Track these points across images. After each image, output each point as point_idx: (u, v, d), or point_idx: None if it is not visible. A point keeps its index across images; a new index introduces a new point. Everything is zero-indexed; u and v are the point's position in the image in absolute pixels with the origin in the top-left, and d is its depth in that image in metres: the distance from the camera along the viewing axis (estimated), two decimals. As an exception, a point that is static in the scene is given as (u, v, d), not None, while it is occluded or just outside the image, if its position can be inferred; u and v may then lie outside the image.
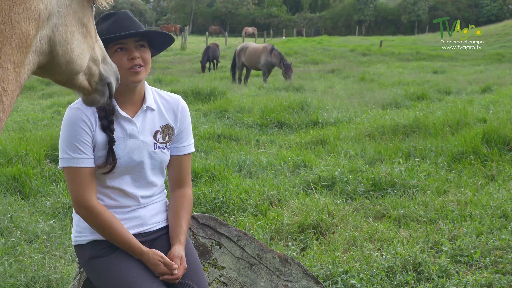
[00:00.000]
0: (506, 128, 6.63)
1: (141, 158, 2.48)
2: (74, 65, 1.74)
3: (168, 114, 2.58)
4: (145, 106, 2.51)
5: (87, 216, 2.38)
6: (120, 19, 2.44)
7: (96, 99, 1.98)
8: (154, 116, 2.54)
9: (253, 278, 2.91)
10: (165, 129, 2.56)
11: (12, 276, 3.69)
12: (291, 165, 6.42)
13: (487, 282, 3.50)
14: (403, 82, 15.79)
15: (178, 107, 2.61)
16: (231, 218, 4.87)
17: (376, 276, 3.64)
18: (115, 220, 2.40)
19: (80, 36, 1.74)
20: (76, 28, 1.72)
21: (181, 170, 2.63)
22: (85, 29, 1.77)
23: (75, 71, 1.77)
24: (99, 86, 1.95)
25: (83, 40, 1.76)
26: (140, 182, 2.51)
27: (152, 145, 2.51)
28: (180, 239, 2.51)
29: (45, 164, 6.10)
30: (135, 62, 2.40)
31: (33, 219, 4.63)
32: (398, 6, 70.45)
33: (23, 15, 1.46)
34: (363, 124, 8.72)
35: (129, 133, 2.46)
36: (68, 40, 1.67)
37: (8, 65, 1.43)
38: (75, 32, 1.71)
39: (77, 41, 1.72)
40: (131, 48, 2.41)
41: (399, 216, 4.74)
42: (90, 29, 1.81)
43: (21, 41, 1.46)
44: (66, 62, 1.70)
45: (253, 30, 49.91)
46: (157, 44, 2.59)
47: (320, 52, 30.35)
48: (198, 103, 11.60)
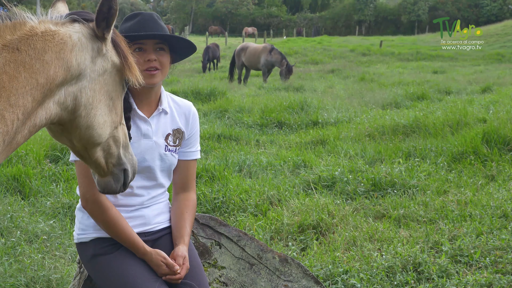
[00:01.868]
0: (506, 128, 6.63)
1: (153, 159, 2.51)
2: (94, 132, 1.79)
3: (180, 118, 2.61)
4: (161, 108, 2.54)
5: (94, 211, 2.38)
6: (144, 20, 2.45)
7: (110, 183, 1.97)
8: (167, 119, 2.57)
9: (253, 278, 2.91)
10: (176, 132, 2.59)
11: (12, 276, 3.69)
12: (291, 165, 6.42)
13: (487, 282, 3.50)
14: (403, 82, 15.78)
15: (189, 112, 2.65)
16: (231, 218, 4.87)
17: (376, 276, 3.63)
18: (121, 217, 2.41)
19: (105, 108, 1.80)
20: (104, 98, 1.79)
21: (187, 175, 2.66)
22: (112, 103, 1.83)
23: (93, 139, 1.81)
24: (115, 169, 1.95)
25: (108, 112, 1.82)
26: (150, 183, 2.54)
27: (163, 147, 2.54)
28: (185, 239, 2.52)
29: (45, 164, 6.10)
30: (151, 64, 2.40)
31: (33, 219, 4.63)
32: (398, 6, 70.45)
33: (55, 61, 1.60)
34: (363, 124, 8.72)
35: (144, 133, 2.49)
36: (93, 106, 1.75)
37: (28, 97, 1.54)
38: (102, 101, 1.78)
39: (102, 110, 1.79)
40: (150, 49, 2.42)
41: (399, 216, 4.74)
42: (117, 106, 1.87)
43: (47, 82, 1.58)
44: (87, 126, 1.76)
45: (253, 30, 49.88)
46: (178, 50, 2.58)
47: (320, 52, 30.35)
48: (198, 103, 11.59)
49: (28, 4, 43.63)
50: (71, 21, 1.72)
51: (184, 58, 2.69)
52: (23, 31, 1.58)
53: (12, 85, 1.50)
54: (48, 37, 1.61)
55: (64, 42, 1.64)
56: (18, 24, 1.58)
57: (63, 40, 1.64)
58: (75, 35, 1.68)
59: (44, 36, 1.60)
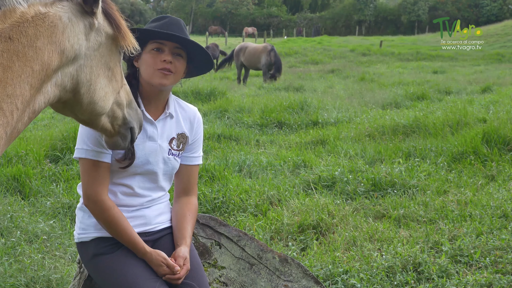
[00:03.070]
0: (506, 128, 6.63)
1: (157, 162, 2.52)
2: (96, 106, 1.81)
3: (185, 123, 2.63)
4: (168, 112, 2.55)
5: (96, 210, 2.38)
6: (169, 23, 2.46)
7: (118, 141, 2.04)
8: (172, 123, 2.59)
9: (253, 278, 2.91)
10: (181, 137, 2.60)
11: (12, 276, 3.69)
12: (291, 165, 6.42)
13: (487, 282, 3.50)
14: (403, 82, 15.79)
15: (194, 118, 2.67)
16: (231, 218, 4.87)
17: (376, 276, 3.63)
18: (123, 217, 2.41)
19: (105, 79, 1.81)
20: (102, 71, 1.79)
21: (189, 180, 2.68)
22: (111, 73, 1.84)
23: (96, 111, 1.83)
24: (122, 129, 2.01)
25: (107, 83, 1.83)
26: (151, 185, 2.55)
27: (167, 151, 2.55)
28: (187, 240, 2.52)
29: (45, 164, 6.10)
30: (166, 65, 2.41)
31: (33, 219, 4.63)
32: (398, 6, 70.40)
33: (48, 46, 1.57)
34: (363, 124, 8.72)
35: (149, 135, 2.50)
36: (91, 82, 1.75)
37: (25, 85, 1.52)
38: (100, 75, 1.78)
39: (101, 83, 1.79)
40: (168, 52, 2.43)
41: (399, 216, 4.74)
42: (117, 73, 1.87)
43: (42, 68, 1.56)
44: (88, 102, 1.77)
45: (253, 30, 49.87)
46: (195, 62, 2.58)
47: (320, 52, 30.36)
48: (198, 103, 11.59)
49: None
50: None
51: (198, 74, 2.69)
52: (13, 18, 1.54)
53: (7, 75, 1.48)
54: (38, 21, 1.57)
55: (54, 25, 1.61)
56: (8, 11, 1.54)
57: (53, 23, 1.60)
58: (64, 15, 1.64)
59: (35, 21, 1.56)
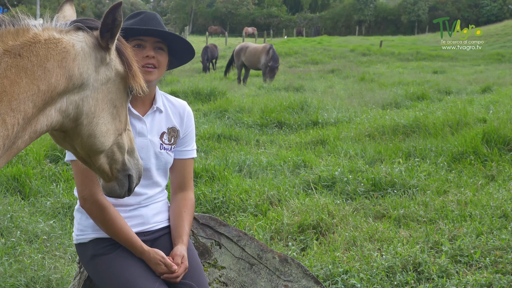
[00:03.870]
0: (506, 128, 6.63)
1: (148, 157, 2.52)
2: (96, 140, 1.79)
3: (175, 117, 2.63)
4: (155, 107, 2.56)
5: (92, 210, 2.38)
6: (147, 18, 2.47)
7: (115, 188, 1.97)
8: (161, 118, 2.59)
9: (253, 278, 2.91)
10: (171, 131, 2.60)
11: (12, 276, 3.69)
12: (291, 165, 6.42)
13: (487, 282, 3.50)
14: (403, 82, 15.79)
15: (184, 111, 2.67)
16: (231, 218, 4.87)
17: (376, 276, 3.63)
18: (119, 216, 2.41)
19: (108, 116, 1.80)
20: (107, 106, 1.79)
21: (184, 174, 2.67)
22: (116, 111, 1.83)
23: (95, 146, 1.81)
24: (120, 175, 1.95)
25: (111, 120, 1.82)
26: (145, 181, 2.54)
27: (158, 146, 2.55)
28: (183, 239, 2.52)
29: (45, 164, 6.10)
30: (149, 60, 2.42)
31: (33, 219, 4.63)
32: (398, 6, 70.40)
33: (57, 69, 1.61)
34: (363, 124, 8.72)
35: (139, 131, 2.50)
36: (95, 114, 1.75)
37: (29, 103, 1.54)
38: (105, 110, 1.78)
39: (105, 119, 1.79)
40: (149, 47, 2.43)
41: (399, 216, 4.74)
42: (121, 113, 1.87)
43: (48, 89, 1.58)
44: (88, 135, 1.76)
45: (253, 30, 49.88)
46: (177, 53, 2.59)
47: (320, 52, 30.35)
48: (198, 103, 11.59)
49: (28, 4, 43.62)
50: (75, 29, 1.72)
51: (182, 64, 2.70)
52: (26, 37, 1.58)
53: (13, 90, 1.51)
54: (51, 45, 1.61)
55: (66, 51, 1.64)
56: (21, 30, 1.59)
57: (66, 49, 1.64)
58: (78, 44, 1.69)
59: (47, 43, 1.61)
